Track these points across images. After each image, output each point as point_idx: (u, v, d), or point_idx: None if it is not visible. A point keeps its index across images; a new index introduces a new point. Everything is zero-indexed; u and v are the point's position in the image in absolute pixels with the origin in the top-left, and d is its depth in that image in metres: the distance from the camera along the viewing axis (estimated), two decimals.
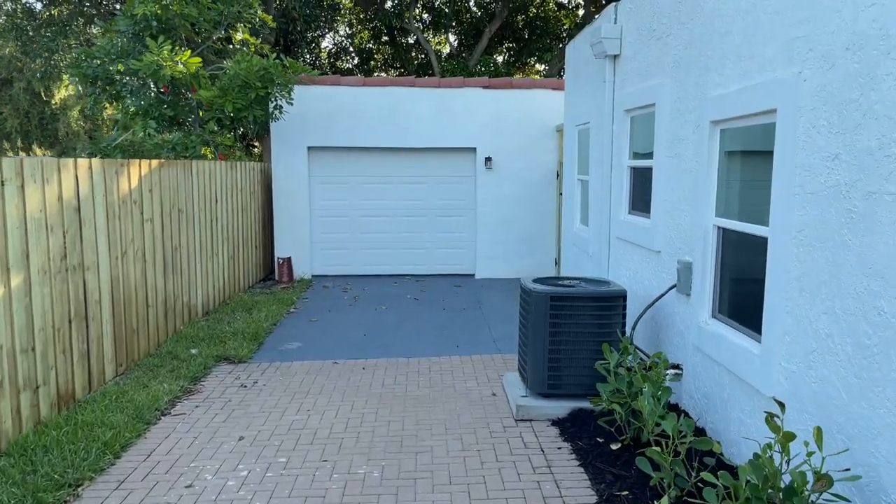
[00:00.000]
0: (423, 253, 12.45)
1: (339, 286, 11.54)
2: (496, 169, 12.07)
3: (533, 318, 5.56)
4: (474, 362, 7.18)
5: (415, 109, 11.92)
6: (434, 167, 12.27)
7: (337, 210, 12.27)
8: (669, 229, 5.65)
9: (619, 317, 5.56)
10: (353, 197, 12.26)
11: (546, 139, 12.06)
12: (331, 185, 12.21)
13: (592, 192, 8.25)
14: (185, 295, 8.39)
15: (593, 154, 8.19)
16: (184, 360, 7.09)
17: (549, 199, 12.17)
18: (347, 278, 12.20)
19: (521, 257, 12.27)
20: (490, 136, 12.01)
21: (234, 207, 10.44)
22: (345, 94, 11.86)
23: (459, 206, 12.37)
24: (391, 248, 12.41)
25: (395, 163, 12.23)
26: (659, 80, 5.88)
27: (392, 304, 10.11)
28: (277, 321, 8.95)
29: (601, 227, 7.60)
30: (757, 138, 4.34)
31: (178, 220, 8.20)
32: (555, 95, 11.97)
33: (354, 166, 12.20)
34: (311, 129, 11.85)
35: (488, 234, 12.20)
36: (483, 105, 11.97)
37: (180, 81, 9.66)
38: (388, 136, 11.94)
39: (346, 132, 11.90)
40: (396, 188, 12.28)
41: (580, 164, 9.26)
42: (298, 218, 12.02)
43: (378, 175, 12.24)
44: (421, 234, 12.40)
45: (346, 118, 11.88)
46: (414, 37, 21.26)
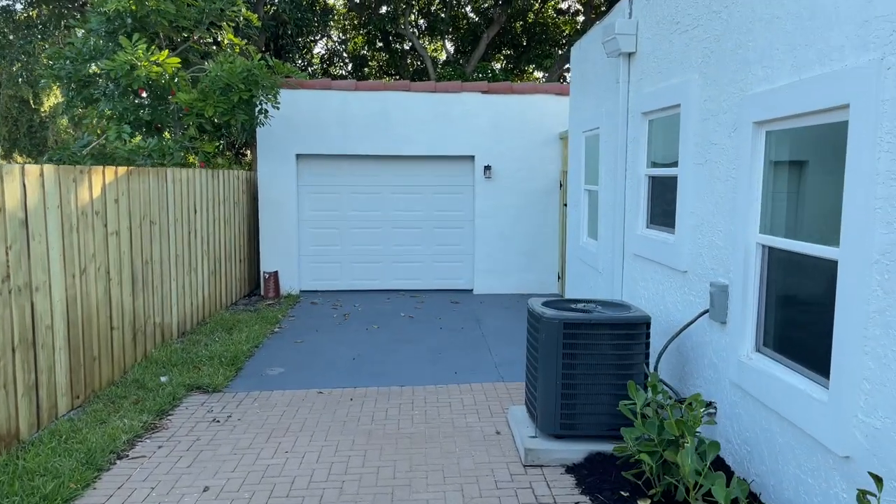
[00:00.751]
0: (418, 267, 11.75)
1: (328, 302, 10.83)
2: (496, 178, 11.41)
3: (543, 348, 4.86)
4: (475, 392, 6.47)
5: (410, 115, 11.26)
6: (430, 176, 11.60)
7: (327, 221, 11.57)
8: (698, 246, 4.97)
9: (642, 346, 4.87)
10: (345, 207, 11.57)
11: (548, 147, 11.40)
12: (320, 194, 11.53)
13: (602, 204, 7.58)
14: (157, 315, 7.66)
15: (603, 162, 7.53)
16: (151, 389, 6.36)
17: (552, 211, 11.50)
18: (338, 294, 11.48)
19: (522, 271, 11.59)
20: (489, 144, 11.36)
21: (216, 218, 9.73)
22: (335, 99, 11.19)
23: (457, 217, 11.69)
24: (384, 261, 11.71)
25: (389, 171, 11.56)
26: (684, 77, 5.22)
27: (385, 322, 9.40)
28: (259, 343, 8.23)
29: (613, 242, 6.92)
30: (816, 141, 3.67)
31: (150, 233, 7.49)
32: (557, 101, 11.32)
33: (346, 175, 11.52)
34: (300, 135, 11.18)
35: (487, 247, 11.52)
36: (482, 111, 11.31)
37: (158, 84, 8.97)
38: (382, 143, 11.27)
39: (337, 139, 11.23)
40: (390, 198, 11.60)
41: (587, 172, 8.60)
42: (286, 230, 11.32)
43: (371, 184, 11.56)
44: (416, 246, 11.71)
45: (337, 124, 11.21)
46: (409, 43, 20.65)
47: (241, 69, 9.03)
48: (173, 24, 9.31)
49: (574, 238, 9.14)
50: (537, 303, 5.22)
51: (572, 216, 9.29)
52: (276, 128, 11.08)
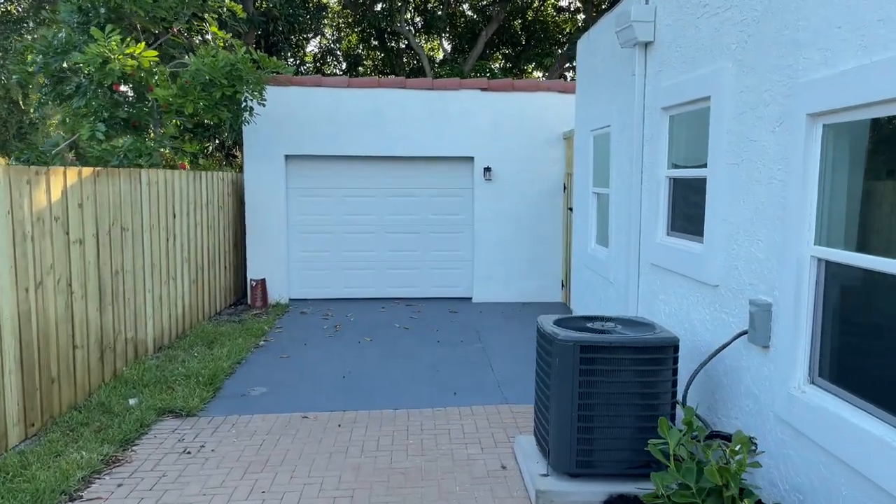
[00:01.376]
0: (414, 274, 11.14)
1: (318, 312, 10.20)
2: (496, 180, 10.80)
3: (557, 374, 4.25)
4: (476, 416, 5.85)
5: (405, 114, 10.65)
6: (427, 178, 10.99)
7: (318, 226, 10.95)
8: (733, 258, 4.37)
9: (669, 372, 4.26)
10: (337, 211, 10.96)
11: (552, 147, 10.80)
12: (311, 197, 10.90)
13: (614, 208, 6.98)
14: (129, 329, 7.03)
15: (615, 163, 6.93)
16: (118, 414, 5.73)
17: (556, 215, 10.90)
18: (329, 303, 10.86)
19: (524, 279, 10.98)
20: (489, 144, 10.75)
21: (198, 223, 9.11)
22: (327, 97, 10.58)
23: (455, 221, 11.08)
24: (379, 268, 11.09)
25: (384, 173, 10.95)
26: (715, 66, 4.62)
27: (379, 335, 8.78)
28: (242, 358, 7.60)
29: (627, 250, 6.32)
30: (890, 134, 3.07)
31: (122, 240, 6.86)
32: (561, 99, 10.73)
33: (338, 177, 10.91)
34: (289, 135, 10.56)
35: (487, 253, 10.91)
36: (481, 109, 10.71)
37: (135, 79, 8.34)
38: (376, 143, 10.66)
39: (329, 139, 10.61)
40: (385, 201, 10.99)
41: (596, 174, 8.00)
42: (274, 235, 10.69)
43: (364, 187, 10.94)
44: (412, 252, 11.09)
45: (329, 123, 10.59)
46: (405, 41, 20.05)
47: (224, 63, 8.42)
48: (150, 14, 8.69)
49: (581, 245, 8.54)
50: (548, 321, 4.61)
51: (579, 221, 8.70)
52: (264, 127, 10.47)
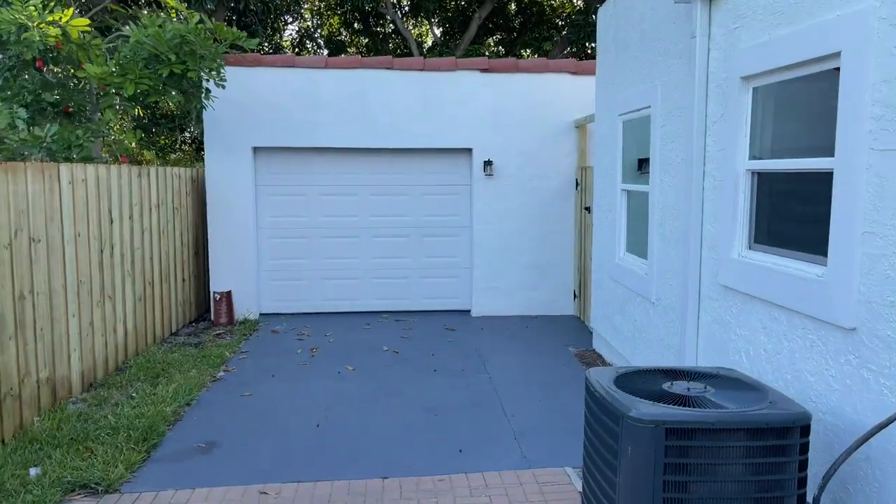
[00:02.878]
0: (404, 284, 9.68)
1: (293, 330, 8.72)
2: (498, 176, 9.36)
3: (629, 467, 2.83)
4: (491, 490, 4.42)
5: (393, 99, 9.18)
6: (418, 174, 9.53)
7: (292, 229, 9.47)
8: (882, 290, 2.96)
9: (796, 465, 2.85)
10: (314, 212, 9.47)
11: (562, 137, 9.37)
12: (284, 196, 9.41)
13: (657, 210, 5.56)
14: (44, 367, 5.53)
15: (659, 153, 5.51)
16: (9, 493, 4.25)
17: (566, 215, 9.48)
18: (305, 318, 9.38)
19: (530, 289, 9.56)
20: (490, 134, 9.31)
21: (145, 229, 7.60)
22: (301, 80, 9.08)
23: (451, 223, 9.63)
24: (363, 277, 9.62)
25: (368, 168, 9.47)
26: (848, 8, 3.19)
27: (363, 361, 7.32)
28: (192, 398, 6.11)
29: (685, 265, 4.90)
30: None
31: (31, 254, 5.36)
32: (572, 81, 9.30)
33: (315, 173, 9.42)
34: (258, 124, 9.06)
35: (488, 260, 9.47)
36: (481, 94, 9.26)
37: (63, 53, 6.82)
38: (359, 133, 9.18)
39: (304, 128, 9.13)
40: (370, 201, 9.52)
41: (627, 168, 6.58)
42: (241, 240, 9.19)
43: (346, 184, 9.47)
44: (402, 259, 9.63)
45: (304, 110, 9.10)
46: (392, 25, 18.54)
47: (172, 35, 6.90)
48: None
49: (605, 252, 7.12)
50: (603, 378, 3.18)
51: (601, 224, 7.28)
52: (228, 115, 8.96)
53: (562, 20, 18.35)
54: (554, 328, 8.79)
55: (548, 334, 8.49)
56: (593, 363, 7.17)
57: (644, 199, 6.12)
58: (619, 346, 6.69)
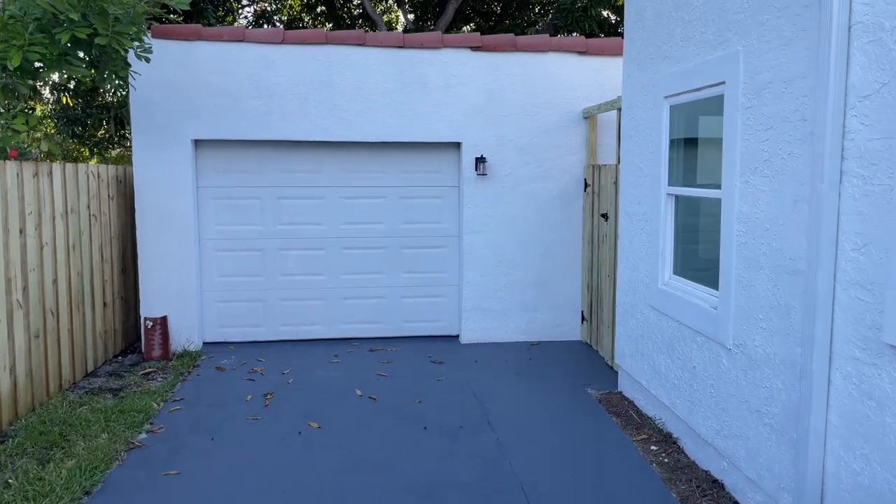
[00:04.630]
0: (380, 305, 8.07)
1: (244, 366, 7.05)
2: (492, 176, 7.81)
3: None
4: None
5: (366, 83, 7.56)
6: (397, 173, 7.93)
7: (244, 240, 7.78)
8: None
9: None
10: (270, 219, 7.80)
11: (567, 130, 7.87)
12: (233, 200, 7.73)
13: (737, 221, 4.07)
14: None
15: (744, 145, 4.01)
16: None
17: (573, 222, 7.98)
18: (260, 348, 7.70)
19: (531, 309, 8.03)
20: (482, 126, 7.76)
21: (47, 243, 5.87)
22: (253, 57, 7.41)
23: (436, 232, 8.05)
24: (330, 297, 7.98)
25: (336, 166, 7.84)
26: None
27: (330, 413, 5.70)
28: (95, 482, 4.42)
29: (792, 303, 3.40)
30: None
31: None
32: (579, 63, 7.81)
33: (271, 172, 7.75)
34: (200, 111, 7.37)
35: (480, 275, 7.92)
36: (472, 77, 7.70)
37: None
38: (324, 124, 7.55)
39: (257, 118, 7.45)
40: (338, 206, 7.88)
41: (676, 166, 5.09)
42: (179, 254, 7.48)
43: (309, 185, 7.82)
44: (377, 275, 8.02)
45: (257, 95, 7.43)
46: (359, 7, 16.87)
47: None
48: None
49: (639, 273, 5.62)
50: None
51: (632, 237, 5.78)
52: (161, 99, 7.25)
53: (548, 4, 16.88)
54: (562, 359, 7.27)
55: (556, 368, 6.97)
56: (625, 414, 5.66)
57: (707, 208, 4.64)
58: (663, 394, 5.19)
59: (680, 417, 4.90)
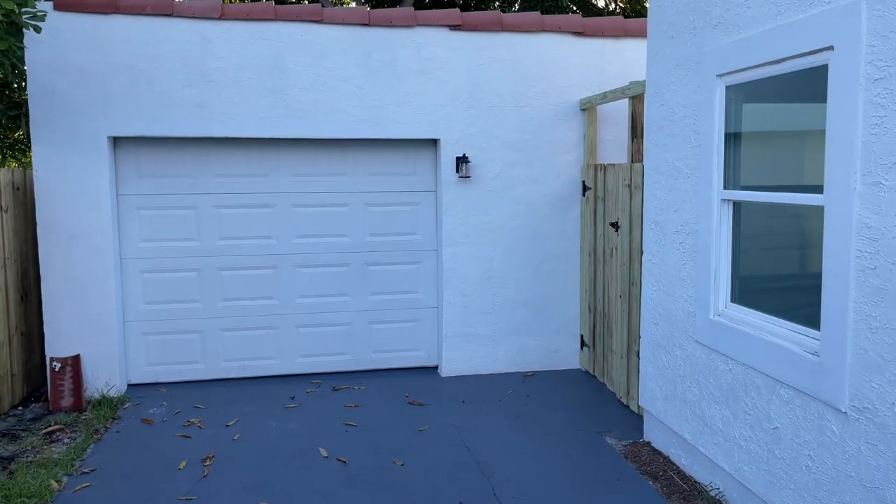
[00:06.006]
0: (343, 333, 6.77)
1: (177, 416, 5.67)
2: (476, 178, 6.62)
3: None
4: None
5: (324, 68, 6.28)
6: (362, 176, 6.66)
7: (177, 259, 6.40)
8: None
9: None
10: (209, 233, 6.44)
11: (562, 124, 6.73)
12: (163, 210, 6.34)
13: (856, 237, 2.96)
14: None
15: (866, 133, 2.89)
16: None
17: (569, 232, 6.84)
18: (199, 390, 6.31)
19: (522, 334, 6.85)
20: (464, 120, 6.55)
21: None
22: (185, 37, 6.05)
23: (409, 245, 6.81)
24: (284, 326, 6.65)
25: (289, 168, 6.53)
26: None
27: (288, 487, 4.40)
28: None
29: None
30: None
31: None
32: (578, 46, 6.69)
33: (210, 176, 6.39)
34: (118, 102, 5.97)
35: (463, 295, 6.70)
36: (451, 61, 6.49)
37: None
38: (274, 118, 6.23)
39: (191, 110, 6.09)
40: (292, 216, 6.57)
41: (734, 163, 3.98)
42: (94, 277, 6.05)
43: (256, 191, 6.48)
44: (339, 298, 6.72)
45: (191, 83, 6.07)
46: None
47: None
48: None
49: (681, 297, 4.49)
50: None
51: (669, 253, 4.65)
52: (67, 87, 5.83)
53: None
54: (564, 396, 6.11)
55: (561, 408, 5.80)
56: (664, 476, 4.51)
57: (786, 218, 3.53)
58: (719, 455, 4.07)
59: (752, 491, 3.77)
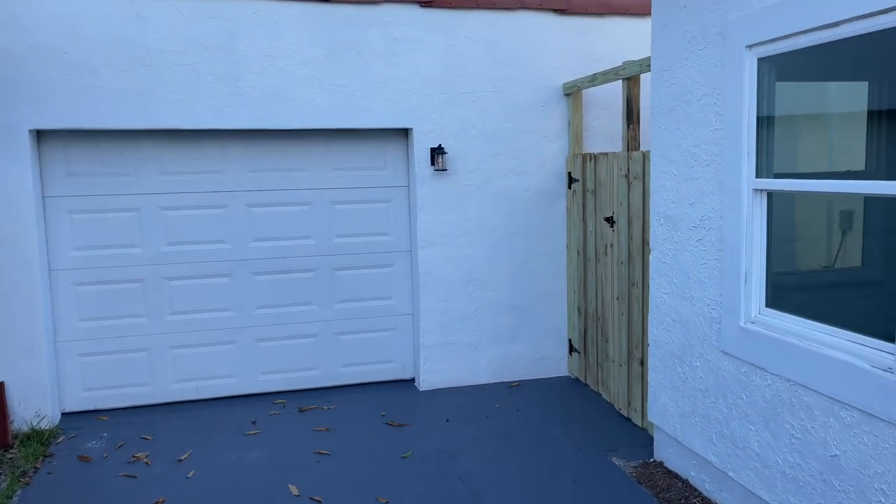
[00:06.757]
0: (309, 346, 6.08)
1: (122, 451, 4.92)
2: (453, 171, 6.00)
3: None
4: None
5: (281, 49, 5.57)
6: (326, 171, 5.98)
7: (116, 269, 5.61)
8: None
9: None
10: (153, 239, 5.67)
11: (545, 111, 6.16)
12: (99, 215, 5.54)
13: None
14: None
15: None
16: None
17: (555, 228, 6.29)
18: (147, 416, 5.55)
19: (506, 341, 6.28)
20: (438, 107, 5.93)
21: None
22: (120, 13, 5.27)
23: (381, 246, 6.16)
24: (241, 339, 5.93)
25: (244, 164, 5.80)
26: None
27: None
28: None
29: None
30: None
31: None
32: (560, 25, 6.13)
33: (152, 174, 5.62)
34: (42, 90, 5.16)
35: (441, 300, 6.09)
36: (423, 42, 5.86)
37: None
38: (225, 106, 5.50)
39: (128, 98, 5.32)
40: (247, 217, 5.84)
41: (767, 147, 3.46)
42: (18, 292, 5.23)
43: (207, 190, 5.74)
44: (305, 307, 6.03)
45: (128, 67, 5.29)
46: None
47: None
48: None
49: (700, 301, 3.96)
50: None
51: (684, 250, 4.12)
52: None
53: None
54: (557, 408, 5.56)
55: (557, 423, 5.24)
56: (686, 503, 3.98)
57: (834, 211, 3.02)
58: (757, 484, 3.56)
59: None
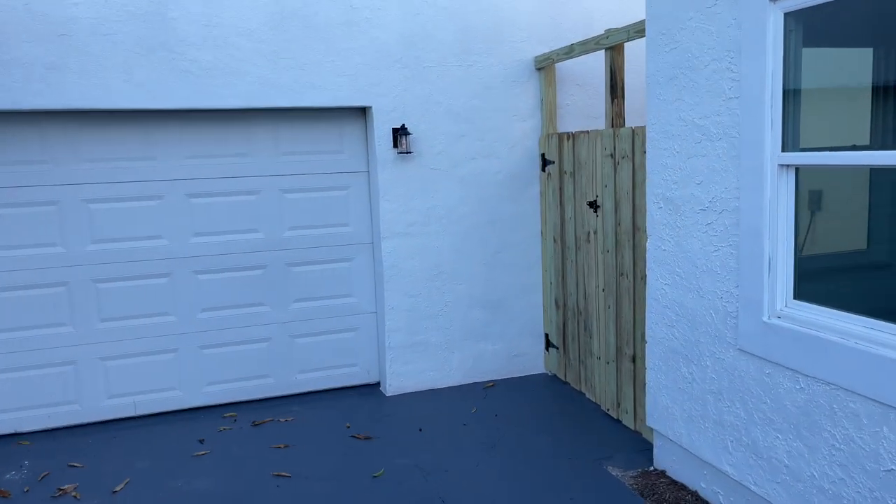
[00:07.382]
0: (262, 351, 5.45)
1: (46, 482, 4.22)
2: (418, 154, 5.44)
3: None
4: None
5: (221, 17, 4.89)
6: (275, 156, 5.33)
7: (33, 272, 4.87)
8: None
9: None
10: (76, 236, 4.93)
11: (516, 86, 5.65)
12: (9, 209, 4.79)
13: None
14: None
15: None
16: None
17: (528, 215, 5.80)
18: (76, 439, 4.84)
19: (478, 338, 5.77)
20: (400, 82, 5.34)
21: None
22: None
23: (339, 238, 5.56)
24: (185, 347, 5.26)
25: (179, 148, 5.11)
26: None
27: None
28: None
29: None
30: None
31: None
32: None
33: (72, 161, 4.88)
34: None
35: (408, 296, 5.54)
36: (382, 9, 5.25)
37: None
38: (156, 81, 4.79)
39: (41, 73, 4.56)
40: (185, 208, 5.16)
41: (795, 116, 3.02)
42: None
43: (136, 179, 5.03)
44: (256, 308, 5.39)
45: (39, 37, 4.54)
46: None
47: None
48: None
49: (710, 293, 3.53)
50: None
51: (689, 237, 3.68)
52: None
53: None
54: (539, 412, 5.09)
55: (542, 430, 4.77)
56: None
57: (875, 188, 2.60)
58: (787, 500, 3.15)
59: None
